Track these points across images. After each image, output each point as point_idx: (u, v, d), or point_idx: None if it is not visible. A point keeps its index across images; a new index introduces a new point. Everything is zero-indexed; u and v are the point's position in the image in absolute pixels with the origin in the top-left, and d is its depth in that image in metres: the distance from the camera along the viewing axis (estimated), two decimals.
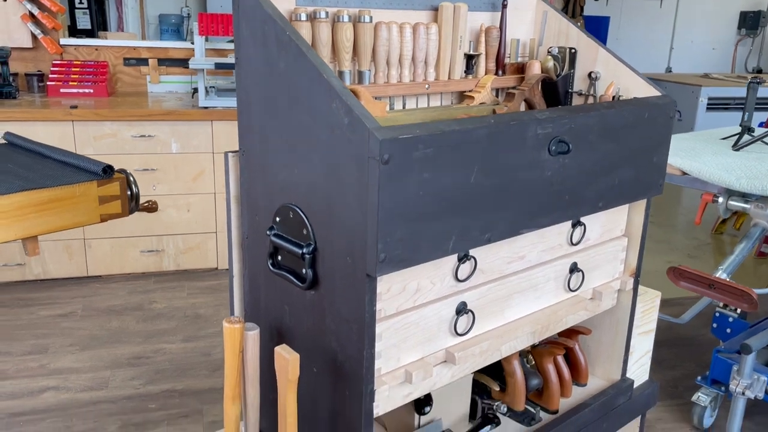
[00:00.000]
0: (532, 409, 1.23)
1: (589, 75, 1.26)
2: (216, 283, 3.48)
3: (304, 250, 0.90)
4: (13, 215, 1.48)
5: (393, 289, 0.90)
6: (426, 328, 0.96)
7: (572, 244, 1.16)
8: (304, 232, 0.91)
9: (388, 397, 0.93)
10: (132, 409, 2.33)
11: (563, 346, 1.27)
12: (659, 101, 1.14)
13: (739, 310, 2.38)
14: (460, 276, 0.98)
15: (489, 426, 1.17)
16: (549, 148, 0.96)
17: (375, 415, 0.92)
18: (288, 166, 0.92)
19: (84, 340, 2.82)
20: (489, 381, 1.24)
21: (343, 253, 0.85)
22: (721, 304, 2.45)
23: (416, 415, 1.12)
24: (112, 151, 3.27)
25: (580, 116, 0.99)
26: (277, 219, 0.96)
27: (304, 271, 0.92)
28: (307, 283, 0.92)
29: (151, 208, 1.82)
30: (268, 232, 0.96)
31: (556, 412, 1.26)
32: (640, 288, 1.41)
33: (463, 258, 0.97)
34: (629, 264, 1.30)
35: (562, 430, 1.22)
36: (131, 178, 1.74)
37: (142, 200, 1.82)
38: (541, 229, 1.04)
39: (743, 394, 2.10)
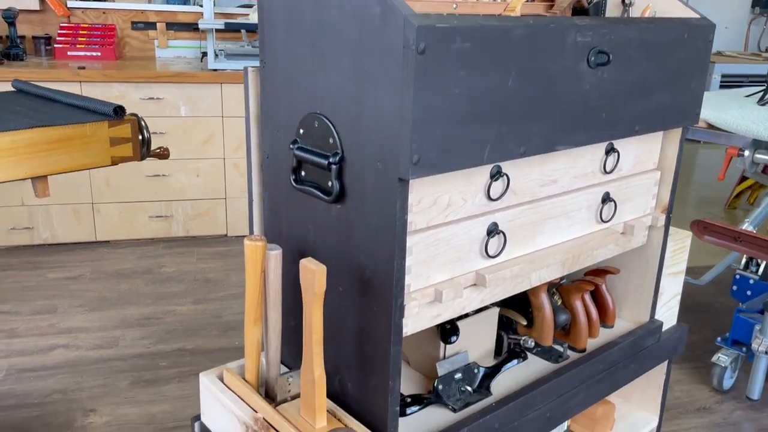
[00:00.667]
0: (560, 347, 1.19)
1: (623, 1, 1.21)
2: (226, 249, 3.45)
3: (331, 160, 0.85)
4: (23, 152, 1.43)
5: (424, 202, 0.85)
6: (456, 247, 0.91)
7: (605, 172, 1.11)
8: (331, 141, 0.86)
9: (417, 315, 0.89)
10: (143, 367, 2.30)
11: (591, 284, 1.22)
12: (699, 23, 1.09)
13: (761, 271, 2.33)
14: (492, 194, 0.94)
15: (516, 360, 1.13)
16: (588, 59, 0.91)
17: (404, 334, 0.88)
18: (313, 72, 0.87)
19: (93, 301, 2.80)
20: (516, 316, 1.19)
21: (372, 159, 0.81)
22: (741, 265, 2.40)
23: (442, 345, 1.08)
24: None
25: (620, 27, 0.94)
26: (301, 131, 0.91)
27: (330, 183, 0.87)
28: (333, 195, 0.87)
29: (163, 154, 1.77)
30: (291, 146, 0.92)
31: (583, 351, 1.22)
32: (670, 228, 1.36)
33: (496, 175, 0.92)
34: (661, 200, 1.25)
35: (590, 368, 1.18)
36: (143, 123, 1.69)
37: (153, 146, 1.78)
38: (576, 147, 0.99)
39: (766, 353, 2.06)
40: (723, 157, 2.21)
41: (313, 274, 0.82)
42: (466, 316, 1.13)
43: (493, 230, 0.95)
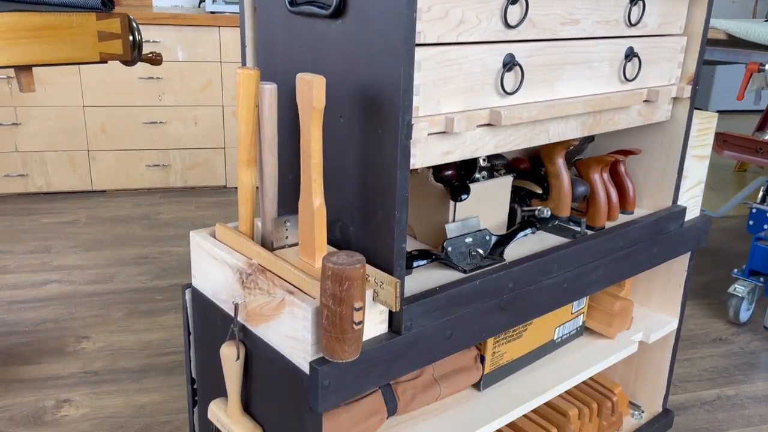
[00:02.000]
0: (576, 223, 1.11)
1: None
2: (225, 199, 3.37)
3: None
4: (4, 37, 1.35)
5: (434, 11, 0.77)
6: (470, 75, 0.83)
7: (629, 24, 1.02)
8: None
9: (426, 146, 0.80)
10: (139, 300, 2.22)
11: (611, 157, 1.14)
12: None
13: None
14: (510, 20, 0.85)
15: (530, 229, 1.05)
16: None
17: (411, 165, 0.79)
18: None
19: (88, 242, 2.72)
20: (531, 185, 1.11)
21: None
22: (758, 199, 2.31)
23: (451, 206, 1.00)
24: None
25: None
26: None
27: None
28: (333, 7, 0.79)
29: (155, 60, 1.69)
30: None
31: (602, 230, 1.14)
32: (696, 111, 1.27)
33: None
34: (687, 69, 1.16)
35: (610, 243, 1.10)
36: (134, 24, 1.60)
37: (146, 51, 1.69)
38: None
39: None
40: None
41: (311, 85, 0.74)
42: (478, 181, 1.05)
43: (509, 62, 0.86)
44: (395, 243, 0.79)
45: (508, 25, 0.85)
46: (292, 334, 0.78)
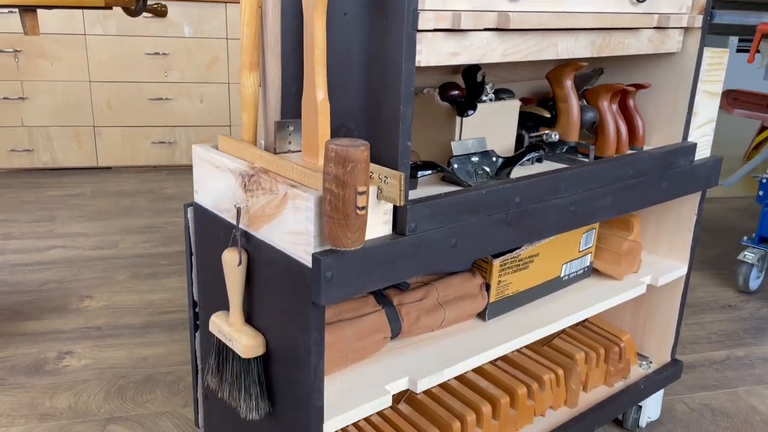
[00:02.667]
0: (583, 150, 1.09)
1: None
2: None
3: None
4: None
5: None
6: None
7: None
8: None
9: (433, 44, 0.79)
10: (143, 264, 2.22)
11: (620, 86, 1.12)
12: None
13: None
14: None
15: (536, 152, 1.03)
16: None
17: (417, 63, 0.78)
18: None
19: (93, 213, 2.72)
20: (539, 110, 1.09)
21: None
22: None
23: (457, 122, 0.98)
24: (121, 32, 3.14)
25: None
26: None
27: None
28: None
29: (160, 11, 1.68)
30: None
31: None
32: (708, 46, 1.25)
33: None
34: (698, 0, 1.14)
35: (619, 169, 1.08)
36: None
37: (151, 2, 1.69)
38: None
39: None
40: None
41: None
42: (483, 102, 1.03)
43: None
44: (400, 140, 0.78)
45: None
46: (294, 229, 0.77)
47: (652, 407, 1.44)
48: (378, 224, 0.80)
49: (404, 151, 0.79)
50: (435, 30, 0.79)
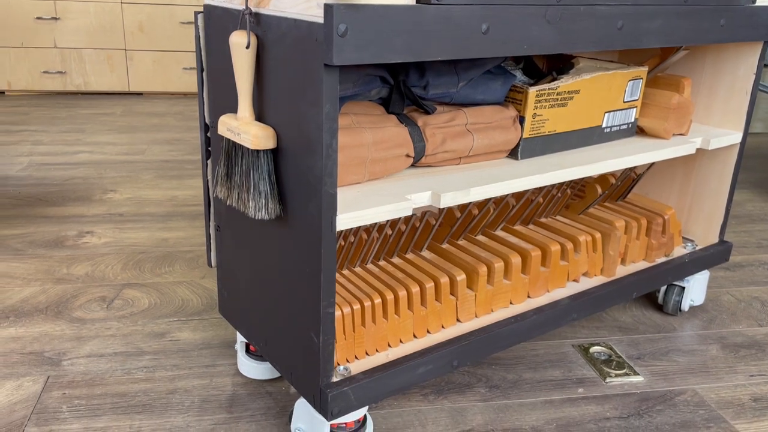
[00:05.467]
0: None
1: None
2: None
3: None
4: None
5: None
6: None
7: None
8: None
9: None
10: (169, 168, 2.18)
11: None
12: None
13: None
14: None
15: None
16: None
17: None
18: None
19: (122, 128, 2.70)
20: None
21: None
22: None
23: None
24: None
25: None
26: None
27: None
28: None
29: None
30: None
31: None
32: None
33: None
34: None
35: None
36: None
37: None
38: None
39: None
40: None
41: None
42: None
43: None
44: None
45: None
46: None
47: (695, 292, 1.35)
48: None
49: None
50: None
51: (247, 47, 0.77)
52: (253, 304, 0.96)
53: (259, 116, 0.83)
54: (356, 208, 0.78)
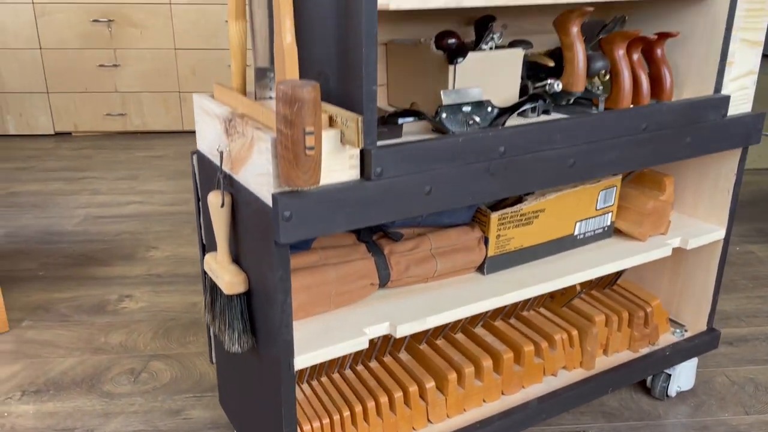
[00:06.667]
0: (590, 103, 1.04)
1: None
2: None
3: None
4: None
5: None
6: None
7: None
8: None
9: None
10: None
11: (637, 33, 1.06)
12: None
13: None
14: None
15: (536, 102, 1.00)
16: None
17: (386, 6, 0.78)
18: None
19: (172, 173, 2.89)
20: (543, 58, 1.06)
21: None
22: None
23: (450, 71, 0.97)
24: (203, 0, 3.26)
25: None
26: None
27: None
28: None
29: None
30: None
31: None
32: None
33: None
34: None
35: (629, 121, 1.03)
36: None
37: None
38: None
39: None
40: None
41: None
42: (482, 51, 1.01)
43: None
44: (363, 83, 0.79)
45: None
46: (259, 171, 0.80)
47: (684, 377, 1.38)
48: (344, 168, 0.82)
49: (369, 94, 0.80)
50: None
51: (222, 206, 0.89)
52: (240, 405, 1.09)
53: (236, 257, 0.95)
54: (314, 348, 0.89)
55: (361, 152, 0.82)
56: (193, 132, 3.51)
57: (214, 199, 0.89)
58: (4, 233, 2.21)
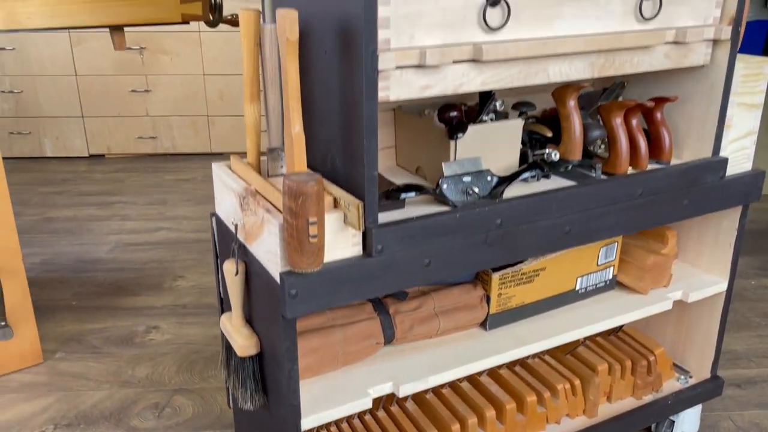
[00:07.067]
0: (588, 169, 1.09)
1: None
2: None
3: None
4: (97, 0, 1.54)
5: None
6: (447, 9, 0.86)
7: None
8: None
9: (401, 80, 0.84)
10: None
11: (635, 102, 1.10)
12: None
13: None
14: None
15: (535, 170, 1.05)
16: None
17: (385, 99, 0.84)
18: None
19: (199, 197, 2.98)
20: (542, 128, 1.11)
21: None
22: None
23: (451, 146, 1.03)
24: (230, 29, 3.36)
25: None
26: None
27: None
28: None
29: (235, 21, 1.83)
30: None
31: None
32: (743, 56, 1.19)
33: None
34: (728, 9, 1.09)
35: (625, 189, 1.07)
36: None
37: (226, 13, 1.84)
38: None
39: None
40: None
41: (285, 18, 0.81)
42: (483, 122, 1.07)
43: None
44: (366, 170, 0.85)
45: None
46: (269, 249, 0.87)
47: (688, 423, 1.41)
48: (347, 246, 0.88)
49: (370, 180, 0.86)
50: (399, 66, 0.85)
51: (236, 274, 0.96)
52: None
53: (250, 318, 1.01)
54: (320, 410, 0.95)
55: (363, 231, 0.88)
56: (220, 154, 3.62)
57: (230, 267, 0.96)
58: (40, 261, 2.32)
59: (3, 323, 1.57)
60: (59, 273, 2.23)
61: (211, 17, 1.79)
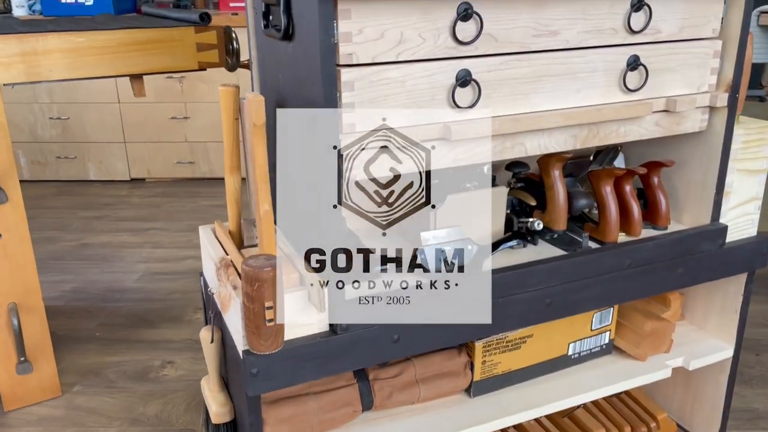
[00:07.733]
0: (577, 236, 1.07)
1: None
2: None
3: None
4: (116, 50, 1.60)
5: (367, 33, 0.81)
6: (414, 91, 0.86)
7: (632, 31, 0.97)
8: None
9: (367, 159, 0.85)
10: None
11: (625, 170, 1.07)
12: None
13: None
14: (461, 37, 0.86)
15: (517, 240, 1.03)
16: None
17: (353, 177, 0.85)
18: None
19: None
20: (526, 196, 1.09)
21: None
22: None
23: (431, 215, 1.02)
24: None
25: None
26: None
27: (280, 19, 0.86)
28: (283, 30, 0.86)
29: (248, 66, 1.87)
30: None
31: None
32: (745, 118, 1.15)
33: (464, 13, 0.85)
34: (724, 76, 1.06)
35: (613, 260, 1.04)
36: (233, 34, 1.80)
37: (244, 58, 1.88)
38: None
39: None
40: None
41: (251, 104, 0.83)
42: (466, 190, 1.06)
43: (464, 78, 0.88)
44: (331, 251, 0.85)
45: (460, 42, 0.86)
46: (235, 325, 0.88)
47: None
48: (312, 323, 0.89)
49: (335, 261, 0.86)
50: (365, 148, 0.85)
51: (212, 342, 0.98)
52: None
53: (226, 382, 1.03)
54: None
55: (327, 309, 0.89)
56: None
57: (205, 335, 0.98)
58: (71, 288, 2.42)
59: (22, 359, 1.64)
60: (88, 302, 2.31)
61: (229, 61, 1.84)
